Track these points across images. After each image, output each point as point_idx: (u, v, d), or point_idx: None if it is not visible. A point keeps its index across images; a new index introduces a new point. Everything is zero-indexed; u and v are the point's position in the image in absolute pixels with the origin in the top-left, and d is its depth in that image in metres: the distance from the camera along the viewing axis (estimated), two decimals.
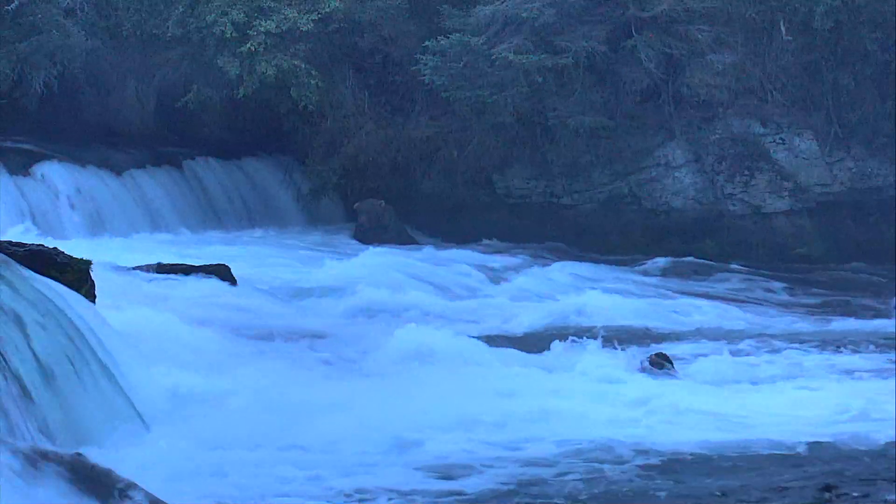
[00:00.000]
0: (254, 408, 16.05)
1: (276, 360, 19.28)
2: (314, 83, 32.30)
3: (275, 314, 22.64)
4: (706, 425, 16.47)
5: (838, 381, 18.94)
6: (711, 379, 19.07)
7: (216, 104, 33.55)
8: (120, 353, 16.02)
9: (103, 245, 27.75)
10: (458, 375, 18.42)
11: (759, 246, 30.89)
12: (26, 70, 33.02)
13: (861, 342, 21.91)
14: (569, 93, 31.13)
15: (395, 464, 14.82)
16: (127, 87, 34.99)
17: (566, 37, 30.88)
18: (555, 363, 19.67)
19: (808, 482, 13.94)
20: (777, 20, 30.85)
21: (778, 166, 30.94)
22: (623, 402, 17.48)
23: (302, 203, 34.32)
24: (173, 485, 12.97)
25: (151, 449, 14.58)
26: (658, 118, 31.44)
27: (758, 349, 21.28)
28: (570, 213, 32.15)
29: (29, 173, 31.26)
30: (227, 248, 29.67)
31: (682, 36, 31.09)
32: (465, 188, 32.51)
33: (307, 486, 13.92)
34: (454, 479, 14.39)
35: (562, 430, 16.11)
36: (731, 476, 14.57)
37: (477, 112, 31.65)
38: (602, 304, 24.66)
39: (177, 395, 16.34)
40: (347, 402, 16.61)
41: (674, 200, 31.51)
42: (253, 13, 32.12)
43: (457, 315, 23.79)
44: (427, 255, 29.81)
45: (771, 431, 16.13)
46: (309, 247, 31.00)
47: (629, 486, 14.25)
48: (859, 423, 16.50)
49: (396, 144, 32.70)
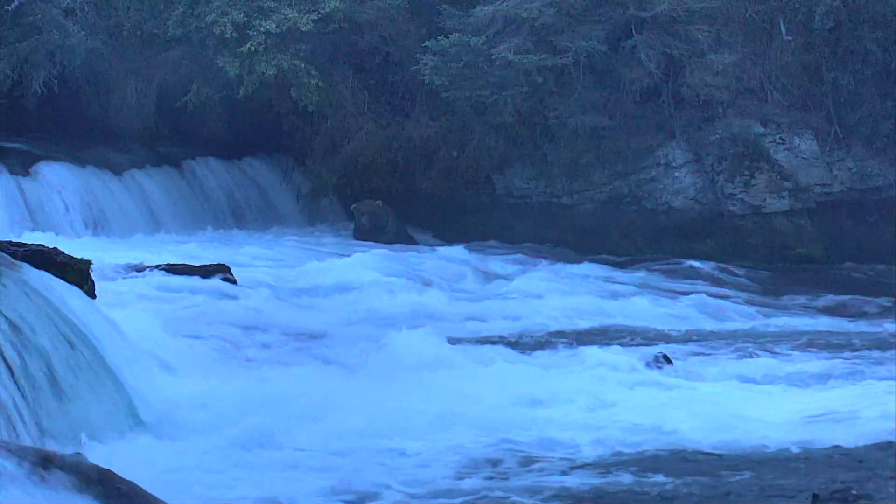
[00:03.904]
0: (254, 408, 16.04)
1: (276, 359, 19.29)
2: (314, 83, 32.29)
3: (274, 314, 22.63)
4: (706, 425, 16.44)
5: (838, 382, 18.93)
6: (711, 379, 19.07)
7: (216, 104, 33.54)
8: (120, 352, 16.02)
9: (103, 245, 27.76)
10: (452, 378, 18.41)
11: (759, 246, 30.88)
12: (26, 70, 33.03)
13: (861, 342, 21.91)
14: (569, 93, 31.13)
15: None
16: (127, 87, 34.96)
17: (566, 37, 30.88)
18: (554, 363, 19.66)
19: (806, 486, 13.93)
20: (777, 20, 30.85)
21: (778, 166, 30.93)
22: (623, 403, 17.46)
23: (302, 203, 34.32)
24: (173, 484, 12.96)
25: (151, 448, 14.59)
26: (658, 118, 31.42)
27: (757, 349, 21.26)
28: (570, 213, 32.13)
29: (29, 173, 31.26)
30: (227, 248, 29.68)
31: (682, 36, 31.08)
32: (464, 188, 32.50)
33: (307, 487, 13.92)
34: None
35: (562, 430, 16.11)
36: (727, 477, 14.57)
37: (477, 112, 31.65)
38: (602, 304, 24.67)
39: (177, 394, 16.33)
40: (347, 403, 16.60)
41: (674, 200, 31.50)
42: (253, 13, 32.12)
43: (456, 315, 23.78)
44: (427, 255, 29.81)
45: (769, 432, 16.12)
46: (309, 247, 30.98)
47: (626, 487, 14.26)
48: (859, 423, 16.50)
49: (396, 144, 32.69)
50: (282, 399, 16.48)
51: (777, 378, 19.22)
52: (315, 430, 15.56)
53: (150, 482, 12.17)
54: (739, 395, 18.14)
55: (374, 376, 18.36)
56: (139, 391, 15.64)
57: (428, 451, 15.22)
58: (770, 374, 19.51)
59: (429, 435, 15.69)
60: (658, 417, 16.63)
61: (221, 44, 32.31)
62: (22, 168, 31.32)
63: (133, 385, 15.62)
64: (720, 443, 15.73)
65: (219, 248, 29.46)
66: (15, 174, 30.99)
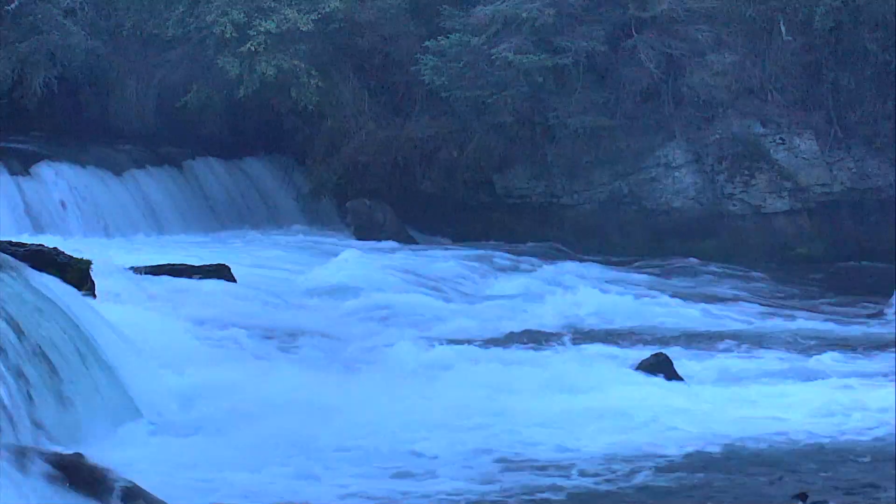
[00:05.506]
0: (254, 407, 16.05)
1: (276, 359, 19.29)
2: (314, 83, 32.30)
3: (274, 314, 22.65)
4: (706, 426, 16.45)
5: (838, 382, 18.92)
6: (711, 379, 19.07)
7: (216, 104, 33.55)
8: (120, 352, 16.03)
9: (103, 245, 27.75)
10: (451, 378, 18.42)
11: (759, 246, 30.89)
12: (26, 70, 33.04)
13: (861, 342, 21.91)
14: (569, 93, 31.14)
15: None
16: (127, 87, 35.00)
17: (566, 37, 30.90)
18: (554, 363, 19.65)
19: (805, 486, 13.94)
20: (777, 20, 30.86)
21: (778, 166, 30.94)
22: (623, 403, 17.46)
23: (302, 203, 34.32)
24: (174, 484, 12.97)
25: (151, 448, 14.59)
26: (658, 118, 31.43)
27: (757, 349, 21.26)
28: (570, 213, 32.15)
29: (29, 173, 31.28)
30: (227, 248, 29.71)
31: (682, 36, 31.10)
32: (465, 188, 32.52)
33: (307, 487, 13.92)
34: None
35: (561, 430, 16.13)
36: (727, 477, 14.58)
37: (477, 112, 31.66)
38: (601, 304, 24.66)
39: (176, 394, 16.35)
40: (346, 404, 16.61)
41: (674, 200, 31.51)
42: (253, 13, 32.13)
43: (455, 315, 23.77)
44: (427, 254, 29.81)
45: (768, 433, 16.12)
46: (308, 247, 30.99)
47: (626, 487, 14.27)
48: (859, 423, 16.51)
49: (396, 144, 32.68)
50: (282, 399, 16.48)
51: (777, 378, 19.21)
52: (315, 430, 15.55)
53: (150, 482, 12.19)
54: (739, 395, 18.14)
55: (375, 376, 18.37)
56: (139, 391, 15.65)
57: (427, 451, 15.25)
58: (770, 374, 19.51)
59: (430, 435, 15.69)
60: (657, 418, 16.64)
61: (221, 44, 32.33)
62: (22, 168, 31.33)
63: (133, 385, 15.63)
64: (720, 442, 15.72)
65: (219, 248, 29.48)
66: (15, 174, 31.00)
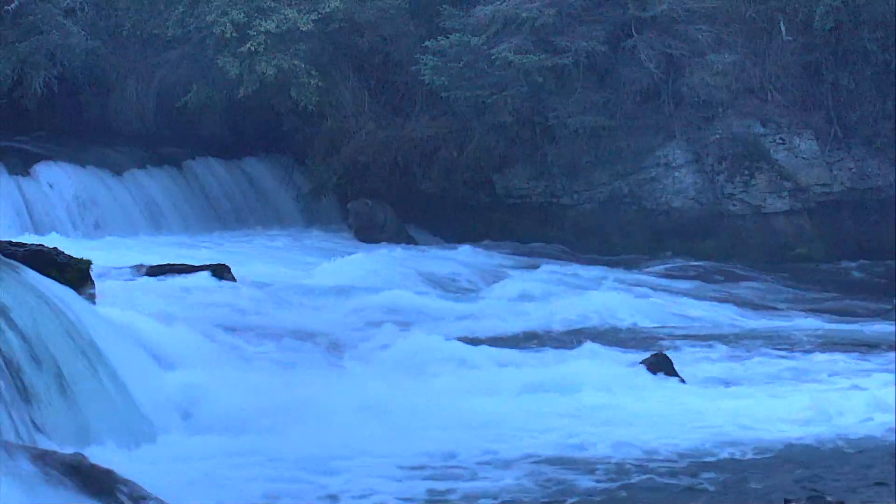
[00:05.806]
0: (255, 408, 16.05)
1: (277, 359, 19.29)
2: (314, 83, 32.30)
3: (275, 314, 22.64)
4: (706, 425, 16.46)
5: (838, 382, 18.93)
6: (711, 379, 19.07)
7: (216, 104, 33.56)
8: (120, 352, 16.02)
9: (103, 245, 27.76)
10: (450, 378, 18.41)
11: (759, 246, 30.88)
12: (26, 70, 33.04)
13: (861, 342, 21.90)
14: (569, 93, 31.13)
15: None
16: (127, 87, 35.01)
17: (566, 37, 30.89)
18: (553, 363, 19.65)
19: (802, 486, 13.94)
20: (777, 20, 30.86)
21: (778, 166, 30.94)
22: (623, 402, 17.47)
23: (302, 203, 34.33)
24: (174, 485, 12.96)
25: (151, 448, 14.59)
26: (658, 118, 31.43)
27: (757, 350, 21.25)
28: (570, 213, 32.14)
29: (29, 173, 31.28)
30: (227, 248, 29.71)
31: (682, 36, 31.09)
32: (465, 188, 32.51)
33: (306, 488, 13.91)
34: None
35: (561, 430, 16.12)
36: (722, 477, 14.58)
37: (477, 112, 31.66)
38: (602, 304, 24.63)
39: (177, 394, 16.33)
40: (348, 403, 16.61)
41: (674, 200, 31.50)
42: (253, 13, 32.13)
43: (455, 315, 23.77)
44: (427, 254, 29.81)
45: (767, 433, 16.12)
46: (308, 246, 31.01)
47: (625, 489, 14.27)
48: (859, 422, 16.50)
49: (396, 144, 32.68)
50: (283, 399, 16.48)
51: (777, 378, 19.22)
52: (316, 430, 15.55)
53: (150, 482, 12.19)
54: (739, 395, 18.14)
55: (375, 376, 18.37)
56: (139, 391, 15.63)
57: (437, 451, 15.24)
58: (770, 374, 19.52)
59: (435, 435, 15.69)
60: (658, 418, 16.64)
61: (221, 44, 32.32)
62: (22, 168, 31.35)
63: (133, 385, 15.61)
64: (721, 442, 15.72)
65: (219, 248, 29.49)
66: (15, 174, 31.01)
